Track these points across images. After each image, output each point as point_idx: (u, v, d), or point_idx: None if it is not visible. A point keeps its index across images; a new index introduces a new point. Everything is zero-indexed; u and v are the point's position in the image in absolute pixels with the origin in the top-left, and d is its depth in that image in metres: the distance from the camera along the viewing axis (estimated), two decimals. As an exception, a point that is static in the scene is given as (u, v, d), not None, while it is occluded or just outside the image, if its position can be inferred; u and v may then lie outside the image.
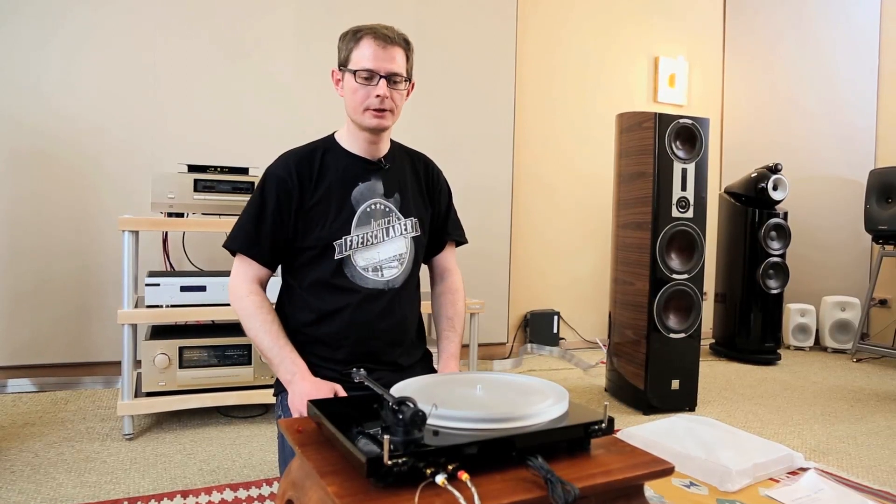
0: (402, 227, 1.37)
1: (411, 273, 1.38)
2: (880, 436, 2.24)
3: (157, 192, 2.12)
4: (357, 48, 1.28)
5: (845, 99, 4.05)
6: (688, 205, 2.49)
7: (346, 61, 1.30)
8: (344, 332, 1.30)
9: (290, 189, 1.30)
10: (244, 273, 1.30)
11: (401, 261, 1.36)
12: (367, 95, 1.29)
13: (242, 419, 2.23)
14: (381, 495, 0.76)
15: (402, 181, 1.42)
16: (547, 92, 3.64)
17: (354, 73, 1.28)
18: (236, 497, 1.59)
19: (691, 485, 1.68)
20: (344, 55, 1.31)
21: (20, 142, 2.49)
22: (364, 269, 1.32)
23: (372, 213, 1.34)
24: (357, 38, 1.29)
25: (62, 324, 2.56)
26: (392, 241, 1.35)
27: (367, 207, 1.34)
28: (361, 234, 1.32)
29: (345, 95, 1.33)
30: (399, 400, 0.84)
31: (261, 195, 1.30)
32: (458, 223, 1.57)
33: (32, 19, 2.49)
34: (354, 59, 1.28)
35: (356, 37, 1.29)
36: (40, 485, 1.64)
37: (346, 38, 1.31)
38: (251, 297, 1.28)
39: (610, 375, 2.73)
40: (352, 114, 1.33)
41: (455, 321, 1.45)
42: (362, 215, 1.33)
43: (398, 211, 1.38)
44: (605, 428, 0.94)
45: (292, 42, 2.90)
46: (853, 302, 3.77)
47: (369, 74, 1.27)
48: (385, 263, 1.34)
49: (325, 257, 1.30)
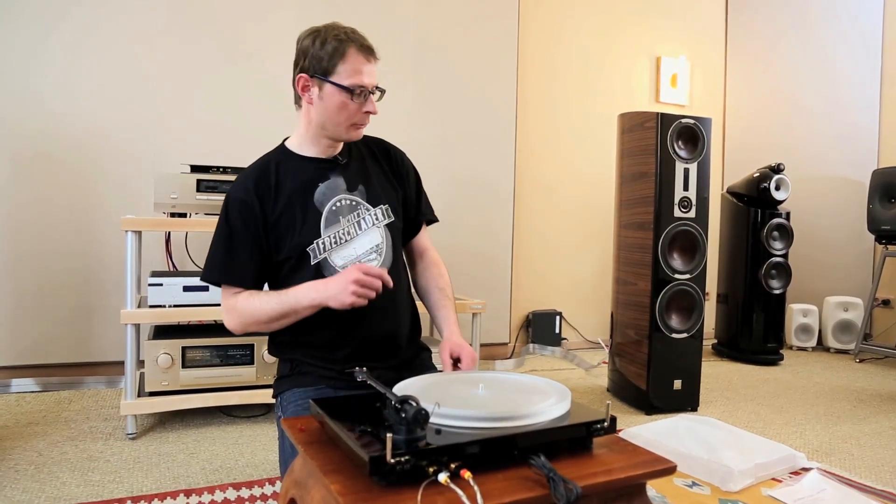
0: (372, 217, 1.34)
1: (393, 260, 1.35)
2: (883, 436, 2.23)
3: (159, 192, 2.13)
4: (343, 61, 1.24)
5: (848, 99, 4.04)
6: (690, 205, 2.49)
7: (327, 72, 1.25)
8: (339, 333, 1.29)
9: (252, 207, 1.27)
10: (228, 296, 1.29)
11: (378, 251, 1.33)
12: (357, 111, 1.26)
13: (245, 419, 2.24)
14: (383, 494, 0.76)
15: (363, 172, 1.38)
16: (548, 92, 3.64)
17: (345, 89, 1.24)
18: (239, 496, 1.60)
19: (693, 485, 1.68)
20: (325, 65, 1.25)
21: (22, 144, 2.50)
22: (343, 267, 1.28)
23: (339, 210, 1.31)
24: (342, 50, 1.24)
25: (65, 324, 2.57)
26: (366, 233, 1.32)
27: (333, 206, 1.31)
28: (332, 233, 1.29)
29: (321, 106, 1.27)
30: (402, 399, 0.84)
31: (226, 222, 1.28)
32: (428, 203, 1.53)
33: (32, 22, 2.49)
34: (342, 72, 1.24)
35: (339, 47, 1.24)
36: (44, 483, 1.65)
37: (322, 44, 1.25)
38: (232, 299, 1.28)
39: (612, 375, 2.73)
40: (330, 126, 1.29)
41: (447, 290, 1.44)
42: (329, 215, 1.30)
43: (366, 202, 1.34)
44: (607, 427, 0.94)
45: (293, 43, 2.90)
46: (856, 302, 3.77)
47: (362, 91, 1.25)
48: (363, 257, 1.31)
49: (302, 265, 1.28)
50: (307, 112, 1.32)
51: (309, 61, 1.27)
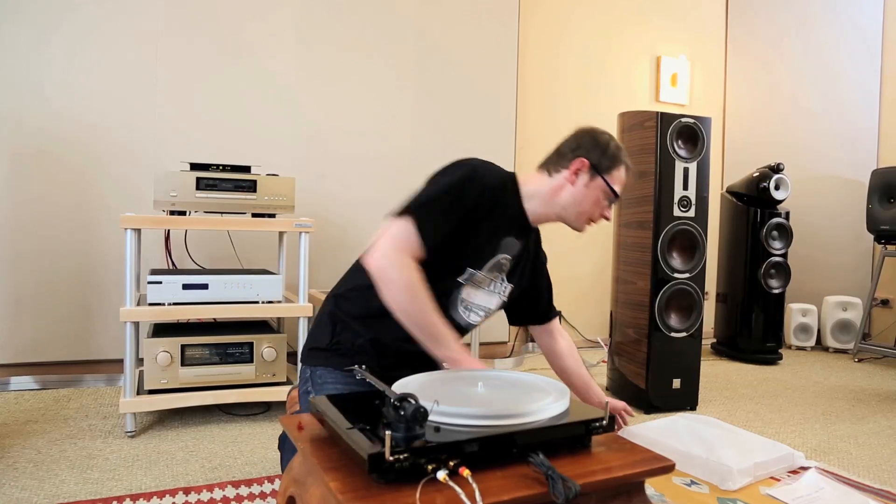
0: (502, 287, 1.46)
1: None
2: (881, 435, 2.24)
3: (159, 190, 2.13)
4: (616, 169, 1.41)
5: (848, 98, 4.04)
6: (689, 204, 2.49)
7: (604, 171, 1.40)
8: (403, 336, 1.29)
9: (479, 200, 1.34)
10: (408, 243, 1.25)
11: (487, 313, 1.46)
12: (599, 211, 1.43)
13: (244, 417, 2.24)
14: (382, 491, 0.76)
15: (526, 248, 1.51)
16: (549, 92, 3.64)
17: (611, 190, 1.40)
18: (238, 494, 1.60)
19: (692, 483, 1.68)
20: (605, 165, 1.40)
21: (22, 142, 2.50)
22: (462, 301, 1.40)
23: (498, 264, 1.42)
24: (619, 161, 1.42)
25: (65, 322, 2.57)
26: (490, 295, 1.45)
27: (501, 258, 1.41)
28: (483, 275, 1.39)
29: (581, 192, 1.40)
30: (401, 396, 0.84)
31: (462, 187, 1.31)
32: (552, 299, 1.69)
33: (33, 19, 2.49)
34: (615, 177, 1.41)
35: (621, 157, 1.42)
36: (43, 481, 1.65)
37: (607, 148, 1.41)
38: (415, 272, 1.24)
39: (611, 374, 2.73)
40: (572, 210, 1.42)
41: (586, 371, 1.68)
42: (495, 263, 1.40)
43: (507, 273, 1.46)
44: (605, 425, 0.94)
45: (293, 41, 2.91)
46: (855, 302, 3.77)
47: (614, 200, 1.43)
48: (475, 308, 1.43)
49: (448, 272, 1.35)
50: (560, 186, 1.43)
51: (594, 153, 1.41)
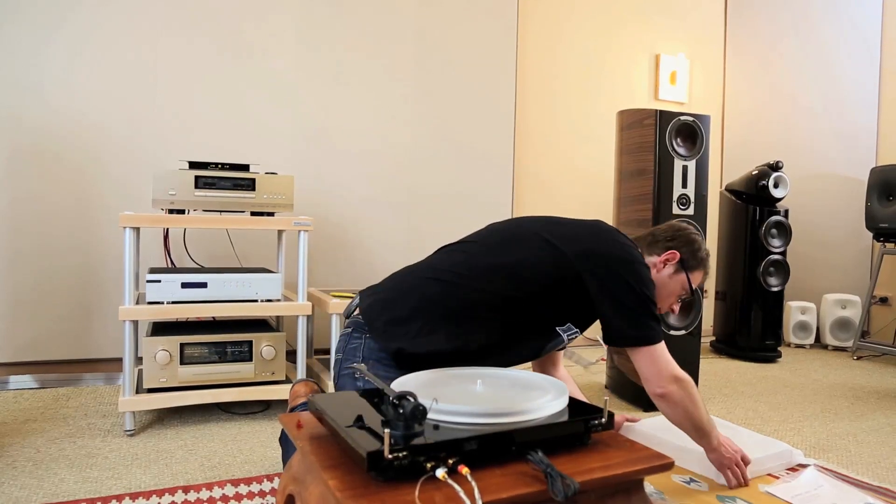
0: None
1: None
2: (880, 433, 2.24)
3: (158, 188, 2.12)
4: (699, 271, 1.59)
5: (847, 96, 4.04)
6: (688, 202, 2.49)
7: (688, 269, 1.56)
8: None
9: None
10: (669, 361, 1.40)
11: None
12: (670, 303, 1.59)
13: (243, 415, 2.24)
14: (381, 489, 0.76)
15: None
16: (548, 90, 3.64)
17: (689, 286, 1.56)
18: (237, 492, 1.60)
19: (691, 481, 1.68)
20: (691, 264, 1.56)
21: (21, 140, 2.50)
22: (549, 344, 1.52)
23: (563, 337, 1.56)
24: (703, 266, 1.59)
25: (63, 321, 2.57)
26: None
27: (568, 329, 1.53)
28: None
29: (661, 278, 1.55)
30: (399, 394, 0.84)
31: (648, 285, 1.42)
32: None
33: (34, 18, 2.49)
34: (695, 276, 1.57)
35: (704, 264, 1.59)
36: (42, 480, 1.65)
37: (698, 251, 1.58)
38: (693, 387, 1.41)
39: (611, 373, 2.73)
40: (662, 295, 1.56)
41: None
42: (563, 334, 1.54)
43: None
44: (604, 423, 0.94)
45: (293, 40, 2.90)
46: (854, 300, 3.77)
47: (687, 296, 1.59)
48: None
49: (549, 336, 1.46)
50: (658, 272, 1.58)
51: (686, 251, 1.57)
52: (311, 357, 2.67)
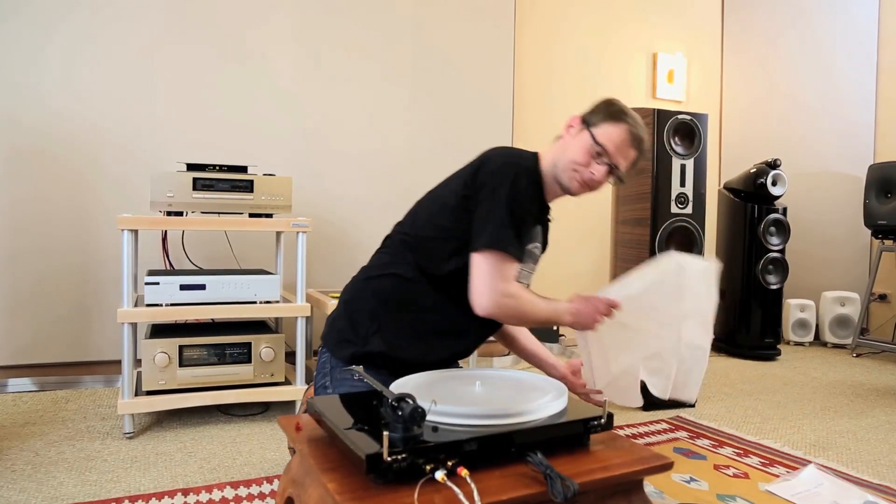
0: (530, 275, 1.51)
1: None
2: (880, 430, 2.24)
3: (156, 190, 2.12)
4: (606, 124, 1.35)
5: (844, 94, 4.04)
6: (687, 201, 2.49)
7: (595, 125, 1.35)
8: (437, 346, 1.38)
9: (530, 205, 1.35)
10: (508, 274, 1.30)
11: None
12: (585, 166, 1.34)
13: (242, 417, 2.23)
14: (380, 492, 0.76)
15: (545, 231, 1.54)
16: (546, 89, 3.64)
17: (595, 143, 1.33)
18: (237, 495, 1.60)
19: (692, 480, 1.68)
20: (597, 119, 1.36)
21: (20, 141, 2.49)
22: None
23: (530, 253, 1.44)
24: (618, 120, 1.35)
25: (62, 323, 2.56)
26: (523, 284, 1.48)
27: (531, 247, 1.44)
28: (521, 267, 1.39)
29: (568, 146, 1.37)
30: (398, 396, 0.84)
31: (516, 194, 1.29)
32: None
33: (33, 19, 2.48)
34: (603, 131, 1.34)
35: (619, 117, 1.35)
36: (41, 483, 1.64)
37: (610, 108, 1.36)
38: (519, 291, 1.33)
39: (610, 372, 2.73)
40: (560, 164, 1.37)
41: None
42: (528, 253, 1.42)
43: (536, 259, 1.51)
44: (604, 424, 0.94)
45: (291, 41, 2.90)
46: (853, 297, 3.78)
47: (601, 153, 1.33)
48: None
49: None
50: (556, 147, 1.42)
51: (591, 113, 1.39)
52: (310, 358, 2.66)
